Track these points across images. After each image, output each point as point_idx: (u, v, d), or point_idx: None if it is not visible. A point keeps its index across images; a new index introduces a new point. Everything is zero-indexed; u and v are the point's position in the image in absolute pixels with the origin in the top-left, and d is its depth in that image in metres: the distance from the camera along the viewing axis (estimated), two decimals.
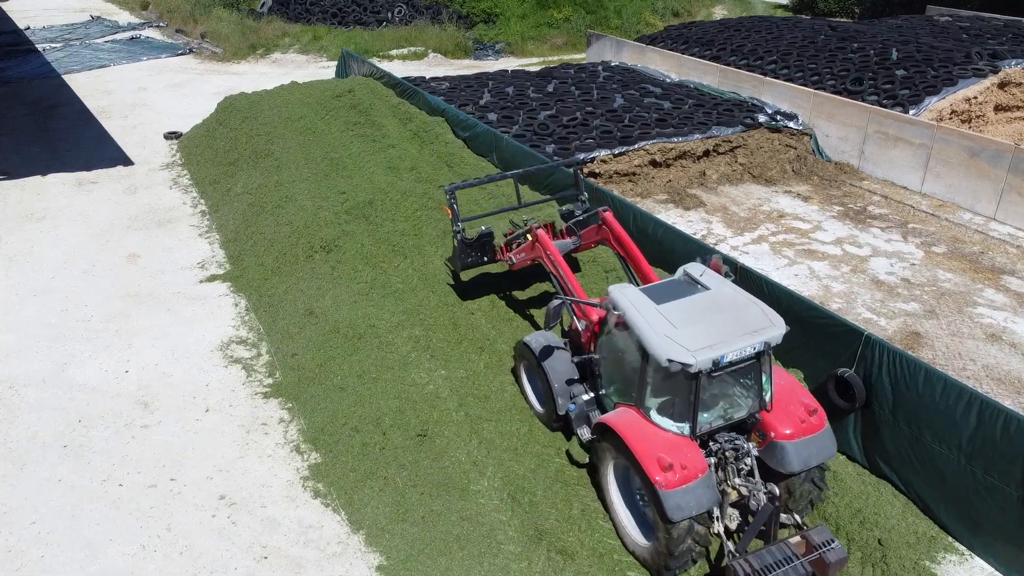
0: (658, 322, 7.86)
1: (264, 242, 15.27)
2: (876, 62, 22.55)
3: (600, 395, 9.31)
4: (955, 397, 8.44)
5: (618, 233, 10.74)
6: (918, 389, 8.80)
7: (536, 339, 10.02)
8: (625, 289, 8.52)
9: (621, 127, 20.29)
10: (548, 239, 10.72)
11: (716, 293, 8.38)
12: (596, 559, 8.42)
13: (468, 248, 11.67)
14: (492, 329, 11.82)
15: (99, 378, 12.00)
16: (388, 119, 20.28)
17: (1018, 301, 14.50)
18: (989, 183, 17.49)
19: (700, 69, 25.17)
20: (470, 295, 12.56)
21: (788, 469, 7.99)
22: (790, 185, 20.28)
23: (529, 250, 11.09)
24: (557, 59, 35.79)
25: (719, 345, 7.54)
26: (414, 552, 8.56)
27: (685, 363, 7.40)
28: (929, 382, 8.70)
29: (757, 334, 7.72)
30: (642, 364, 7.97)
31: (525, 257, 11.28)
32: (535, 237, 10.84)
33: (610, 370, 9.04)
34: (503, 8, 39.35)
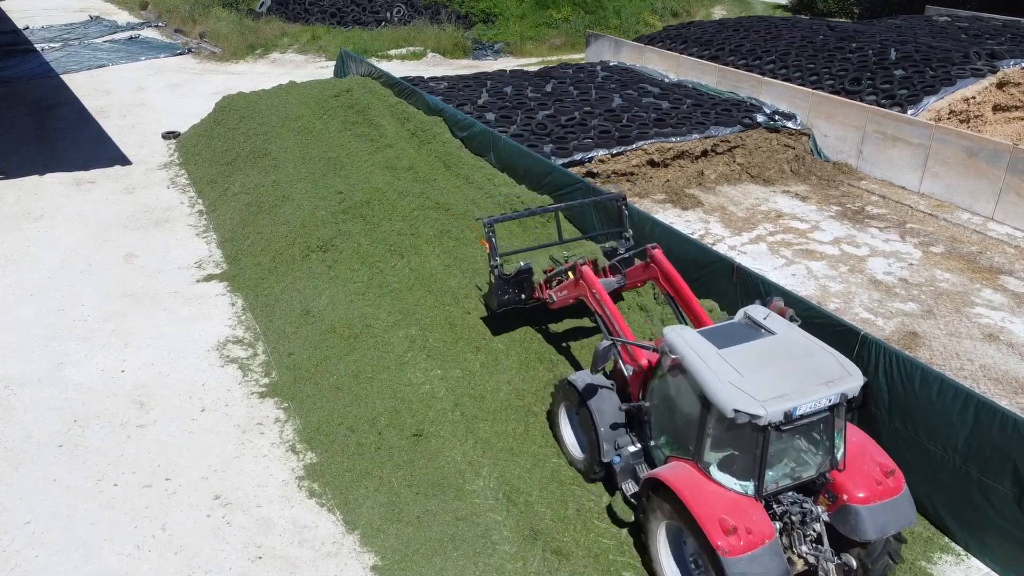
0: (721, 368, 7.19)
1: (261, 242, 15.25)
2: (875, 62, 22.54)
3: (649, 446, 8.58)
4: (952, 397, 8.43)
5: (668, 272, 10.00)
6: (915, 389, 8.78)
7: (581, 379, 9.24)
8: (682, 331, 7.82)
9: (619, 127, 20.28)
10: (594, 277, 10.04)
11: (784, 338, 7.68)
12: (591, 559, 8.40)
13: (505, 285, 10.97)
14: (488, 329, 11.80)
15: (95, 378, 11.98)
16: (386, 119, 20.27)
17: (1016, 301, 14.48)
18: (987, 183, 17.47)
19: (699, 69, 25.16)
20: (467, 295, 12.54)
21: (862, 537, 7.23)
22: (788, 185, 20.27)
23: (572, 288, 10.43)
24: (556, 59, 35.76)
25: (791, 396, 6.87)
26: (409, 552, 8.54)
27: (754, 414, 6.72)
28: (926, 382, 8.68)
29: (833, 385, 7.04)
30: (702, 414, 7.28)
31: (567, 295, 10.64)
32: (580, 275, 10.18)
33: (662, 419, 8.33)
34: (502, 8, 39.34)
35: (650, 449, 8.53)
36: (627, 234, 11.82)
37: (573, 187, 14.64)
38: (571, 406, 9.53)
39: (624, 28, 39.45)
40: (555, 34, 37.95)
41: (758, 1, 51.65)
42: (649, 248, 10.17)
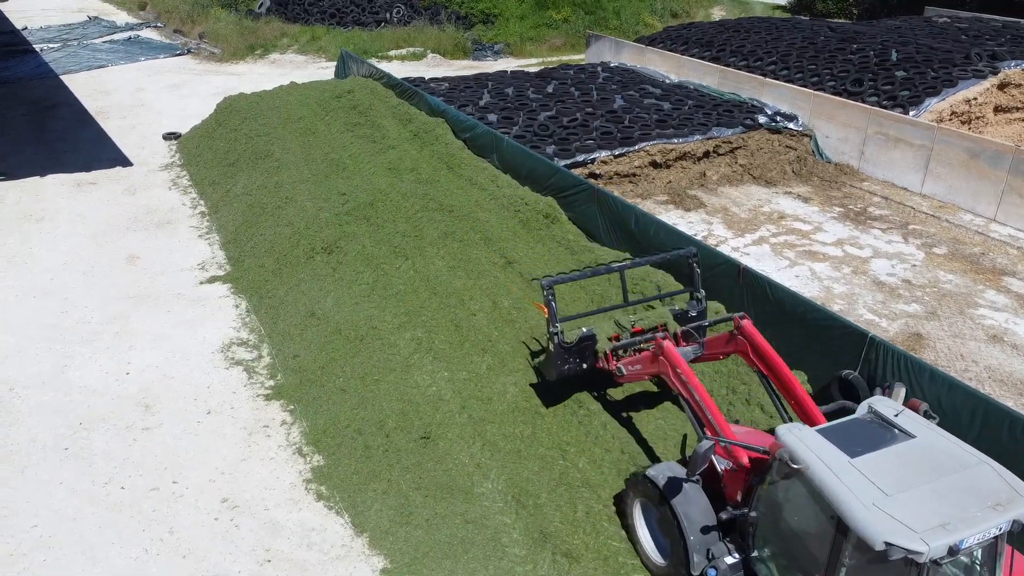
0: (860, 485, 6.02)
1: (264, 243, 15.22)
2: (876, 63, 22.57)
3: (751, 558, 7.35)
4: (961, 399, 8.44)
5: (760, 346, 8.69)
6: (923, 391, 8.78)
7: (662, 473, 7.95)
8: (800, 432, 6.68)
9: (621, 128, 20.28)
10: (678, 355, 8.66)
11: (927, 444, 6.48)
12: (601, 562, 8.40)
13: (566, 354, 9.83)
14: (494, 330, 11.78)
15: (99, 380, 11.95)
16: (388, 120, 20.25)
17: (1019, 302, 14.50)
18: (989, 184, 17.50)
19: (700, 70, 25.17)
20: (472, 297, 12.52)
21: None
22: (790, 186, 20.28)
23: (649, 363, 9.10)
24: (556, 60, 35.75)
25: (955, 525, 5.69)
26: (419, 555, 8.53)
27: (914, 551, 5.56)
28: (934, 384, 8.69)
29: (1002, 509, 5.84)
30: (835, 540, 6.07)
31: (642, 371, 9.34)
32: (660, 350, 8.78)
33: (772, 532, 7.08)
34: (502, 9, 39.32)
35: (752, 561, 7.30)
36: (699, 294, 10.63)
37: (577, 189, 14.65)
38: (648, 504, 8.27)
39: (624, 29, 39.44)
40: (555, 35, 37.95)
41: (757, 2, 51.70)
42: (737, 319, 8.94)
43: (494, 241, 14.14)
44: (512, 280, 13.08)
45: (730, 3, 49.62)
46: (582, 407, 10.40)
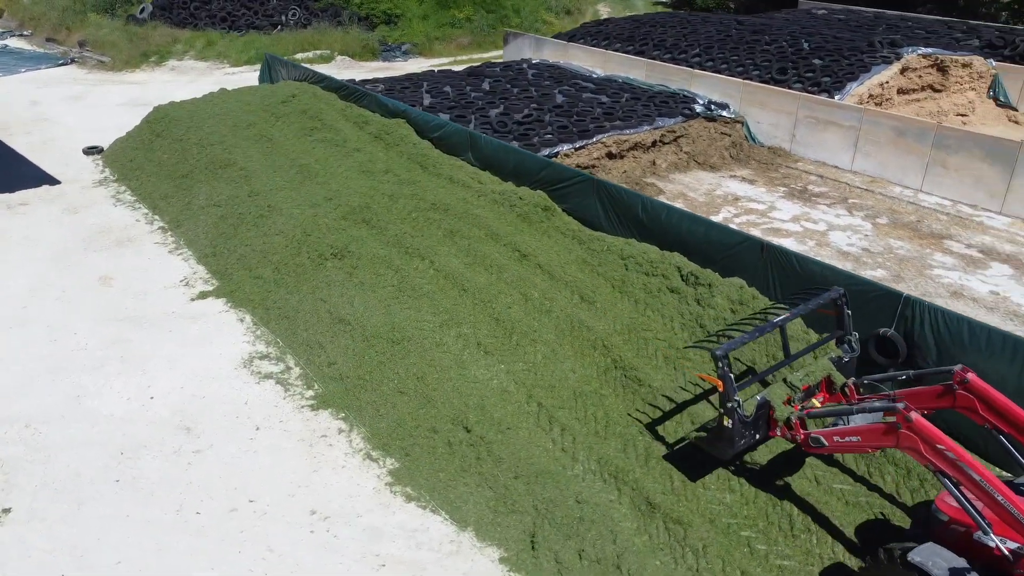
0: None
1: (255, 254, 14.73)
2: (792, 53, 24.31)
3: None
4: (1000, 344, 9.50)
5: (994, 399, 7.88)
6: (964, 340, 9.82)
7: (930, 557, 7.13)
8: None
9: (573, 122, 20.88)
10: (934, 428, 7.41)
11: None
12: (709, 524, 8.89)
13: (744, 428, 8.80)
14: (534, 321, 12.04)
15: (124, 407, 11.29)
16: (343, 123, 19.93)
17: (964, 261, 16.18)
18: (915, 158, 19.34)
19: (627, 64, 26.18)
20: (500, 292, 12.70)
21: None
22: (732, 170, 21.55)
23: (881, 437, 7.76)
24: (467, 58, 36.05)
25: None
26: (537, 539, 8.72)
27: None
28: (974, 333, 9.73)
29: None
30: None
31: (863, 443, 8.03)
32: (907, 424, 7.41)
33: None
34: (404, 9, 39.10)
35: None
36: (851, 337, 9.97)
37: (573, 181, 15.06)
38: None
39: (524, 26, 40.19)
40: (461, 34, 38.18)
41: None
42: (959, 372, 8.02)
43: (500, 236, 14.34)
44: (532, 272, 13.36)
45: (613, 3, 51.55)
46: (643, 385, 10.86)
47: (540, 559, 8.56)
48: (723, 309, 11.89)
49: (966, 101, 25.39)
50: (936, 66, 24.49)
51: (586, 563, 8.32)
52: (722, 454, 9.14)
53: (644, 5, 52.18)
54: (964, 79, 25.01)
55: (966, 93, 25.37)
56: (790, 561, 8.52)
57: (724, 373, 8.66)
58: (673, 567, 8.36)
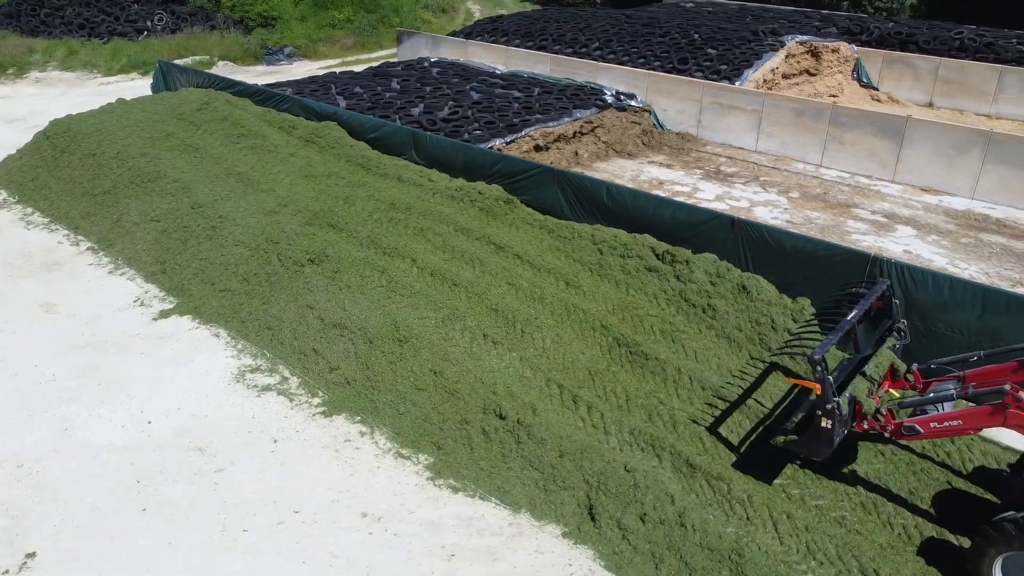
0: None
1: (214, 267, 14.19)
2: (686, 44, 25.81)
3: None
4: (962, 291, 10.82)
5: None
6: (929, 291, 11.07)
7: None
8: None
9: (497, 117, 21.30)
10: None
11: None
12: (746, 478, 9.62)
13: (842, 426, 8.92)
14: (531, 309, 12.40)
15: (122, 435, 10.70)
16: (267, 129, 19.40)
17: (875, 227, 17.96)
18: (814, 136, 21.15)
19: (531, 59, 26.85)
20: (489, 285, 12.96)
21: None
22: (648, 156, 22.70)
23: (988, 418, 8.24)
24: (354, 59, 35.63)
25: None
26: (597, 510, 9.11)
27: None
28: (938, 284, 11.01)
29: None
30: None
31: (964, 426, 8.44)
32: (1015, 402, 7.98)
33: None
34: (280, 10, 38.01)
35: None
36: (900, 324, 10.49)
37: (530, 173, 15.49)
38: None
39: (405, 25, 40.12)
40: (343, 35, 37.61)
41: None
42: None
43: (470, 231, 14.57)
44: (513, 263, 13.69)
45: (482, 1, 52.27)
46: (649, 359, 11.48)
47: (602, 528, 8.97)
48: (703, 283, 12.72)
49: (836, 83, 27.90)
50: (811, 52, 26.76)
51: (650, 526, 8.82)
52: (820, 455, 9.15)
53: (512, 3, 53.28)
54: (834, 63, 27.48)
55: (835, 76, 27.87)
56: (823, 501, 9.38)
57: (823, 376, 8.73)
58: (727, 519, 9.01)
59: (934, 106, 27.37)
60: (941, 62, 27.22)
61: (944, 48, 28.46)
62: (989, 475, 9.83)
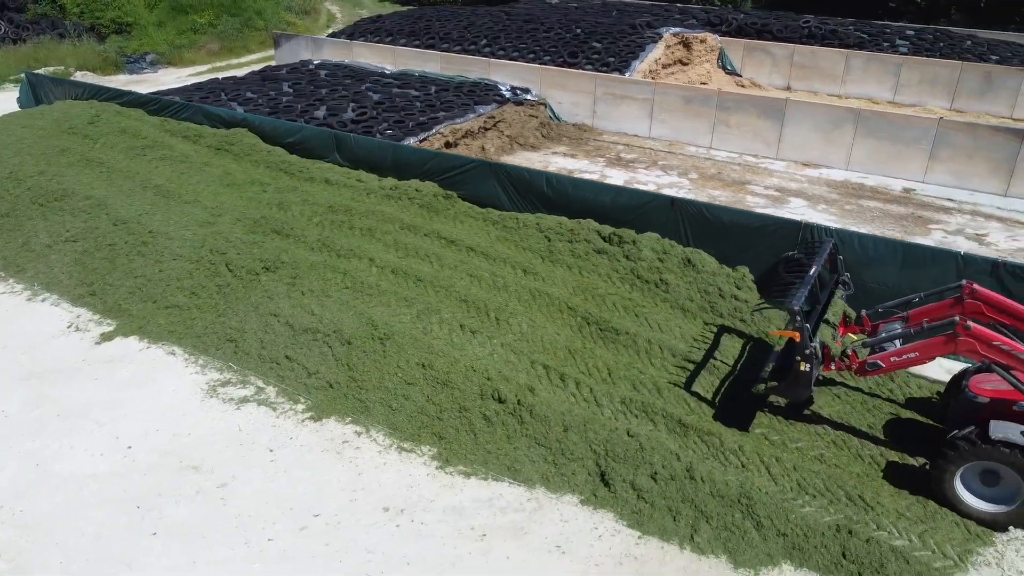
0: None
1: (154, 284, 13.61)
2: (571, 38, 26.86)
3: None
4: (884, 247, 12.25)
5: (999, 301, 9.84)
6: (856, 251, 12.44)
7: (1005, 430, 8.96)
8: None
9: (404, 116, 21.43)
10: (988, 330, 9.21)
11: None
12: (731, 430, 10.51)
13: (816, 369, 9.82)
14: (498, 298, 12.80)
15: (104, 463, 10.21)
16: (171, 139, 18.61)
17: (771, 200, 19.63)
18: (703, 121, 22.72)
19: (420, 58, 27.02)
20: (449, 278, 13.25)
21: None
22: (551, 148, 23.54)
23: (942, 347, 9.39)
24: (224, 64, 34.40)
25: None
26: (609, 475, 9.69)
27: None
28: (863, 243, 12.40)
29: None
30: None
31: (919, 358, 9.61)
32: (964, 331, 9.10)
33: None
34: (135, 16, 35.95)
35: None
36: (843, 277, 11.64)
37: (464, 168, 15.82)
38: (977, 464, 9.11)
39: (269, 27, 39.03)
40: (207, 40, 36.09)
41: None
42: (967, 284, 10.07)
43: (417, 228, 14.76)
44: (467, 256, 14.02)
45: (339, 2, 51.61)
46: (620, 334, 12.20)
47: (617, 492, 9.57)
48: (652, 260, 13.60)
49: (705, 72, 29.91)
50: (683, 43, 28.57)
51: (662, 483, 9.51)
52: (800, 397, 10.13)
53: (371, 2, 52.91)
54: (703, 53, 29.45)
55: (704, 65, 29.88)
56: (801, 443, 10.44)
57: (801, 325, 9.62)
58: (725, 469, 9.85)
59: (791, 89, 29.94)
60: (795, 49, 29.82)
61: (795, 36, 31.17)
62: (926, 404, 11.29)
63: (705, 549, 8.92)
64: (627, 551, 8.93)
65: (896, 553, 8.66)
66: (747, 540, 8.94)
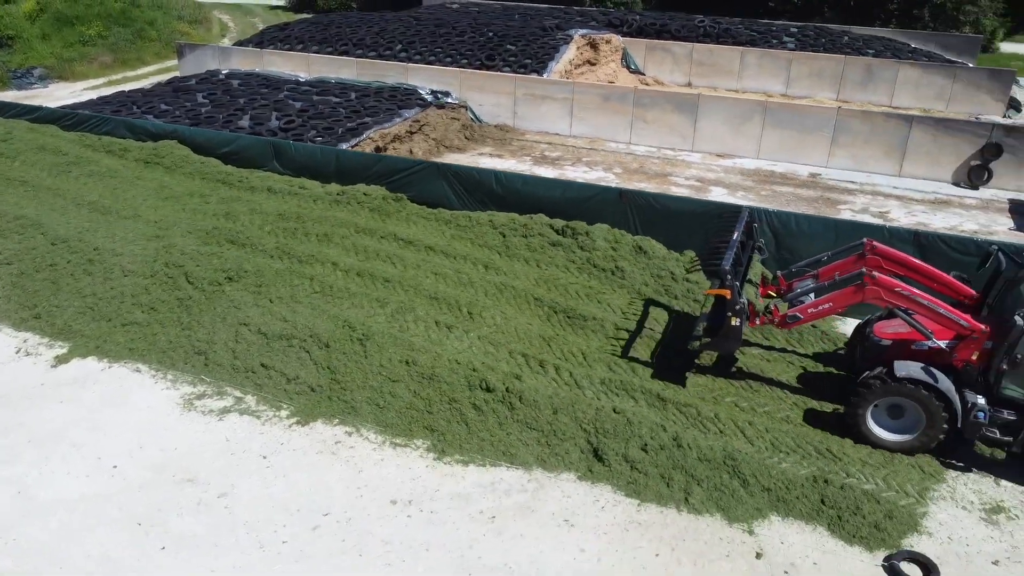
0: None
1: (107, 302, 13.23)
2: (485, 42, 27.39)
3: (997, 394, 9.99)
4: (820, 225, 13.39)
5: (896, 256, 11.15)
6: (792, 228, 13.54)
7: (906, 368, 10.11)
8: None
9: (332, 122, 21.41)
10: (890, 278, 10.49)
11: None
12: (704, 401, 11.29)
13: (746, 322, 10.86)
14: (466, 294, 13.17)
15: (93, 484, 9.96)
16: (94, 154, 17.99)
17: (693, 191, 20.78)
18: (621, 118, 23.73)
19: (335, 64, 26.91)
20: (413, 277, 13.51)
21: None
22: (476, 149, 24.00)
23: (852, 296, 10.57)
24: (121, 77, 33.10)
25: None
26: (601, 450, 10.24)
27: None
28: (797, 221, 13.51)
29: None
30: None
31: (833, 308, 10.81)
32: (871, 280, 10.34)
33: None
34: (15, 28, 33.96)
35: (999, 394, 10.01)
36: (759, 243, 12.82)
37: (411, 171, 16.08)
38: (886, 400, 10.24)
39: (163, 38, 37.75)
40: (99, 52, 34.51)
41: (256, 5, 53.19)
42: (868, 242, 11.33)
43: (371, 231, 14.92)
44: (428, 255, 14.31)
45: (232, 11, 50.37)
46: (587, 320, 12.81)
47: (611, 465, 10.15)
48: (606, 249, 14.29)
49: (611, 71, 31.10)
50: (590, 44, 29.61)
51: (652, 453, 10.15)
52: (731, 349, 11.29)
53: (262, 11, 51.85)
54: (608, 53, 30.62)
55: (610, 65, 31.06)
56: (768, 407, 11.34)
57: (732, 284, 10.61)
58: (707, 435, 10.61)
59: (692, 86, 31.55)
60: (694, 47, 31.44)
61: (693, 35, 32.85)
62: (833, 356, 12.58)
63: (700, 509, 9.62)
64: (630, 518, 9.52)
65: (867, 496, 9.61)
66: (736, 497, 9.70)
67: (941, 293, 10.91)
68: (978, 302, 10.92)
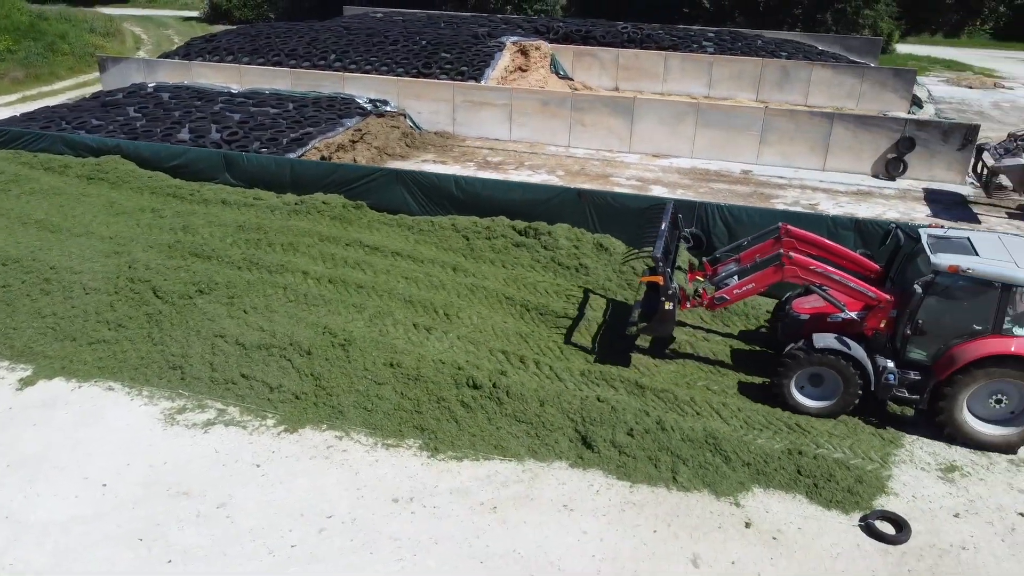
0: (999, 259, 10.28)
1: (69, 321, 12.92)
2: (419, 50, 27.62)
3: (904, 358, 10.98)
4: (770, 217, 14.24)
5: (807, 237, 12.13)
6: (743, 221, 14.35)
7: (823, 340, 11.05)
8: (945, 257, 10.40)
9: (274, 133, 21.27)
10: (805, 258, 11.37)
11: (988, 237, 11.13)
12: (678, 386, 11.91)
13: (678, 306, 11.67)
14: (439, 296, 13.43)
15: (85, 505, 9.79)
16: (32, 172, 17.43)
17: (634, 189, 21.55)
18: (560, 122, 24.38)
19: (268, 75, 26.64)
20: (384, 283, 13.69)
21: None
22: (418, 156, 24.20)
23: (773, 275, 11.43)
24: (36, 92, 31.82)
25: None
26: (590, 437, 10.70)
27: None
28: (748, 214, 14.34)
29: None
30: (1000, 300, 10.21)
31: (756, 287, 11.69)
32: (788, 260, 11.18)
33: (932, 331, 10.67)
34: None
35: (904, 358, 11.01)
36: (684, 232, 13.77)
37: (371, 177, 16.22)
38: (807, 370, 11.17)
39: (76, 52, 36.43)
40: (8, 68, 33.03)
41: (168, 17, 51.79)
42: (783, 226, 12.38)
43: (335, 239, 15.00)
44: (396, 260, 14.50)
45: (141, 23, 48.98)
46: (559, 316, 13.27)
47: (601, 451, 10.62)
48: (568, 248, 14.80)
49: (541, 77, 31.78)
50: (521, 51, 30.22)
51: (638, 437, 10.67)
52: (667, 332, 12.14)
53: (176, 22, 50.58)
54: (538, 59, 31.29)
55: (540, 71, 31.74)
56: (733, 389, 12.04)
57: (664, 270, 11.45)
58: (685, 416, 11.21)
59: (619, 90, 32.57)
60: (619, 52, 32.46)
61: (617, 41, 33.90)
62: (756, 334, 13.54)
63: (688, 486, 10.19)
64: (624, 499, 10.01)
65: (838, 464, 10.39)
66: (720, 473, 10.32)
67: (849, 269, 11.88)
68: (882, 275, 12.10)
